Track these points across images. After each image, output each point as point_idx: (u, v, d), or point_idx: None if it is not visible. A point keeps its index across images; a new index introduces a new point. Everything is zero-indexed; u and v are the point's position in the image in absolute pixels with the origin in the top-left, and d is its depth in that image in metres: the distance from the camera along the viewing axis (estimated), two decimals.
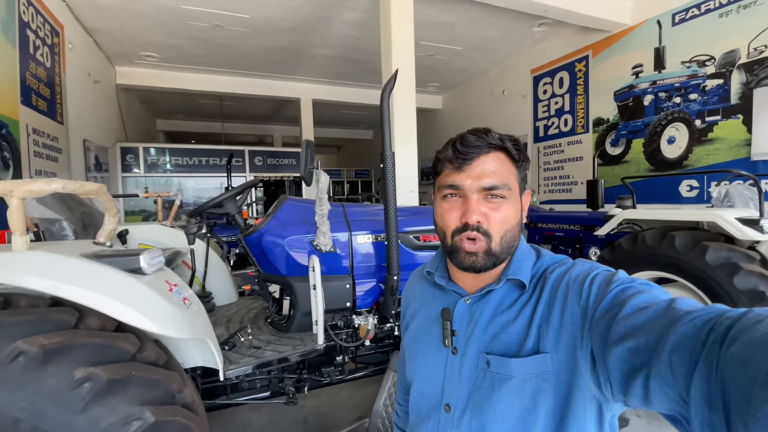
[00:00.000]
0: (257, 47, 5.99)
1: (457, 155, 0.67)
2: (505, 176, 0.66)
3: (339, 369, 1.97)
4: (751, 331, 0.37)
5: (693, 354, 0.40)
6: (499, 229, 0.66)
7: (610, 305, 0.54)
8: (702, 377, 0.39)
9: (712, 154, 4.35)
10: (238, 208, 2.04)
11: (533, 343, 0.62)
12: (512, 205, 0.67)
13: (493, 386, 0.63)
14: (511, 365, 0.61)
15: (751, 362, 0.35)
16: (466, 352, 0.68)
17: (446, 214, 0.69)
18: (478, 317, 0.69)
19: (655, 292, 0.53)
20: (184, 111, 9.84)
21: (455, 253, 0.68)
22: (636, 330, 0.48)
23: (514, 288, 0.69)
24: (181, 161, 7.59)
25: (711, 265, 2.32)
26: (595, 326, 0.54)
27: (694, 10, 4.37)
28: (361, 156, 13.75)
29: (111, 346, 1.12)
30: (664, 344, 0.44)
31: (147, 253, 1.24)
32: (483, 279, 0.71)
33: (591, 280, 0.59)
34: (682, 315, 0.45)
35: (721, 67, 4.22)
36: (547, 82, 6.35)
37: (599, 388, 0.55)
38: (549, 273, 0.66)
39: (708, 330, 0.41)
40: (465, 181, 0.66)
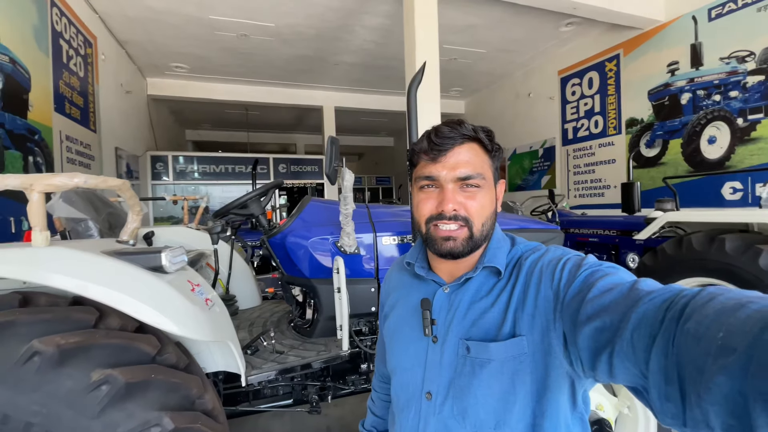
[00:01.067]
0: (281, 56, 6.09)
1: (432, 147, 0.68)
2: (479, 166, 0.68)
3: (364, 377, 1.88)
4: (704, 308, 0.39)
5: (652, 330, 0.43)
6: (479, 217, 0.68)
7: (579, 288, 0.56)
8: (660, 351, 0.41)
9: (756, 153, 4.06)
10: (262, 209, 2.01)
11: (510, 327, 0.64)
12: (487, 194, 0.69)
13: (473, 371, 0.65)
14: (490, 349, 0.63)
15: (704, 337, 0.37)
16: (446, 340, 0.69)
17: (422, 203, 0.71)
18: (457, 305, 0.70)
19: (621, 274, 0.56)
20: (211, 121, 10.12)
21: (431, 240, 0.70)
22: (602, 310, 0.51)
23: (490, 275, 0.71)
24: (208, 169, 7.78)
25: (765, 270, 2.12)
26: (566, 308, 0.57)
27: (731, 5, 4.13)
28: (381, 163, 13.76)
29: (130, 347, 1.08)
30: (627, 323, 0.46)
31: (169, 251, 1.20)
32: (460, 267, 0.73)
33: (562, 265, 0.62)
34: (643, 295, 0.47)
35: (762, 63, 3.95)
36: (575, 83, 6.14)
37: (571, 365, 0.58)
38: (524, 259, 0.69)
39: (665, 308, 0.43)
40: (440, 172, 0.68)
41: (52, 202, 1.52)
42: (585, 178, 6.11)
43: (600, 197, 5.85)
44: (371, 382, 1.89)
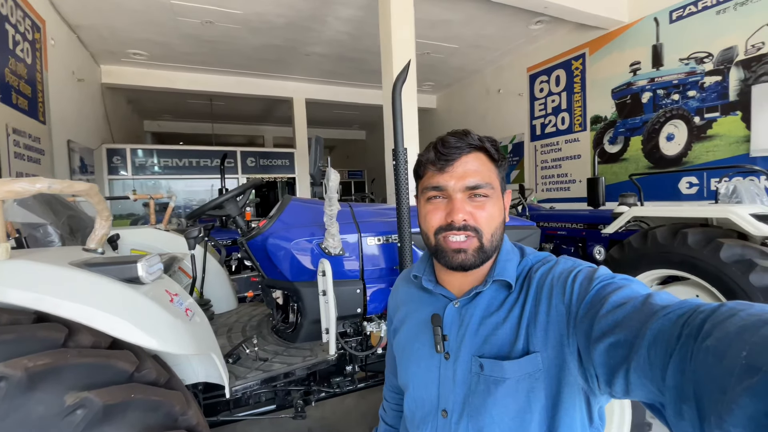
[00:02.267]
0: (249, 45, 5.84)
1: (439, 157, 0.68)
2: (487, 175, 0.68)
3: (349, 379, 1.85)
4: (725, 324, 0.38)
5: (668, 347, 0.42)
6: (488, 227, 0.67)
7: (591, 302, 0.55)
8: (676, 369, 0.40)
9: (711, 150, 4.35)
10: (240, 209, 1.92)
11: (523, 343, 0.63)
12: (495, 204, 0.69)
13: (488, 389, 0.64)
14: (504, 367, 0.62)
15: (726, 355, 0.35)
16: (458, 357, 0.68)
17: (430, 214, 0.70)
18: (468, 321, 0.69)
19: (634, 287, 0.54)
20: (172, 111, 9.61)
21: (441, 252, 0.69)
22: (616, 326, 0.50)
23: (500, 289, 0.69)
24: (171, 163, 7.39)
25: (725, 262, 2.26)
26: (579, 324, 0.56)
27: (691, 7, 4.37)
28: (353, 156, 13.64)
29: (106, 366, 1.00)
30: (642, 339, 0.45)
31: (145, 260, 1.12)
32: (469, 280, 0.72)
33: (573, 277, 0.60)
34: (658, 310, 0.46)
35: (719, 64, 4.22)
36: (543, 81, 6.32)
37: (587, 382, 0.57)
38: (534, 272, 0.67)
39: (682, 324, 0.42)
40: (449, 182, 0.67)
41: (6, 206, 1.37)
42: (552, 173, 6.33)
43: (566, 191, 6.09)
44: (357, 383, 1.88)
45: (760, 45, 3.88)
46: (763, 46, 3.86)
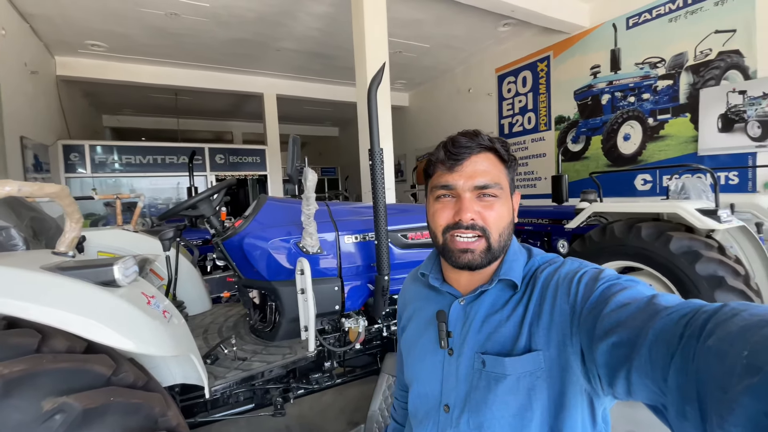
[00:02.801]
0: (217, 39, 5.68)
1: (449, 156, 0.68)
2: (496, 176, 0.68)
3: (328, 375, 1.89)
4: (727, 324, 0.38)
5: (670, 347, 0.42)
6: (496, 227, 0.68)
7: (596, 302, 0.55)
8: (678, 369, 0.40)
9: (663, 149, 4.66)
10: (214, 209, 1.90)
11: (525, 341, 0.63)
12: (504, 204, 0.69)
13: (489, 385, 0.64)
14: (505, 364, 0.63)
15: (728, 355, 0.36)
16: (462, 353, 0.69)
17: (438, 213, 0.70)
18: (472, 318, 0.70)
19: (639, 288, 0.54)
20: (133, 106, 9.17)
21: (448, 252, 0.69)
22: (618, 325, 0.50)
23: (506, 288, 0.70)
24: (134, 160, 7.07)
25: (675, 253, 2.47)
26: (583, 323, 0.56)
27: (647, 15, 4.65)
28: (326, 153, 13.54)
29: (83, 370, 0.99)
30: (644, 339, 0.45)
31: (121, 263, 1.10)
32: (476, 279, 0.72)
33: (579, 278, 0.61)
34: (661, 310, 0.46)
35: (670, 69, 4.52)
36: (511, 81, 6.53)
37: (590, 383, 0.57)
38: (540, 272, 0.68)
39: (684, 324, 0.42)
40: (458, 181, 0.68)
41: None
42: (519, 170, 6.56)
43: (532, 188, 6.34)
44: (335, 378, 1.92)
45: (708, 51, 4.20)
46: (710, 53, 4.18)
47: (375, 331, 1.98)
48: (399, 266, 1.94)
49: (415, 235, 1.98)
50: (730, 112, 4.05)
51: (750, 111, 3.91)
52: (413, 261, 1.98)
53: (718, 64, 4.12)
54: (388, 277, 1.73)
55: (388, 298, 1.82)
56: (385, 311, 1.89)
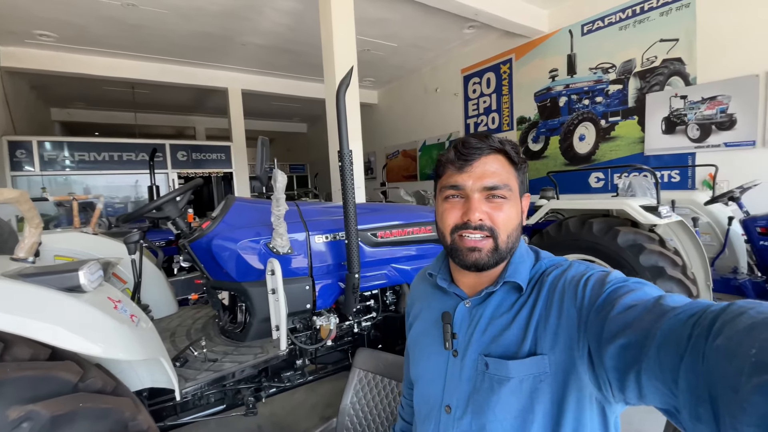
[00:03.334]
0: (178, 31, 5.47)
1: (459, 156, 0.69)
2: (505, 177, 0.68)
3: (300, 372, 1.92)
4: (734, 323, 0.38)
5: (679, 348, 0.42)
6: (505, 228, 0.68)
7: (603, 305, 0.55)
8: (688, 370, 0.40)
9: (614, 149, 4.99)
10: (180, 210, 1.88)
11: (530, 344, 0.63)
12: (513, 206, 0.69)
13: (492, 388, 0.65)
14: (509, 367, 0.63)
15: (736, 354, 0.35)
16: (466, 355, 0.70)
17: (447, 213, 0.70)
18: (477, 320, 0.70)
19: (646, 289, 0.54)
20: (86, 99, 8.63)
21: (456, 251, 0.69)
22: (626, 327, 0.49)
23: (512, 291, 0.70)
24: (87, 157, 6.65)
25: (622, 246, 2.69)
26: (590, 327, 0.55)
27: (599, 23, 4.95)
28: (294, 150, 13.33)
29: (49, 377, 0.98)
30: (652, 340, 0.45)
31: (87, 268, 1.09)
32: (483, 281, 0.73)
33: (585, 281, 0.60)
34: (668, 310, 0.46)
35: (620, 74, 4.84)
36: (476, 82, 6.73)
37: (600, 390, 0.56)
38: (546, 275, 0.68)
39: (693, 324, 0.42)
40: (467, 182, 0.68)
41: None
42: None
43: None
44: (307, 375, 1.95)
45: (653, 59, 4.53)
46: (656, 60, 4.51)
47: (346, 327, 2.03)
48: (369, 264, 2.00)
49: (384, 234, 2.05)
50: (673, 115, 4.40)
51: (690, 115, 4.26)
52: (383, 259, 2.05)
53: (663, 71, 4.46)
54: (359, 275, 1.79)
55: (359, 295, 1.87)
56: (356, 308, 1.94)
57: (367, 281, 1.98)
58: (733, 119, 3.93)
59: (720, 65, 4.00)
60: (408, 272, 2.09)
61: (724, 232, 3.27)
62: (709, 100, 4.08)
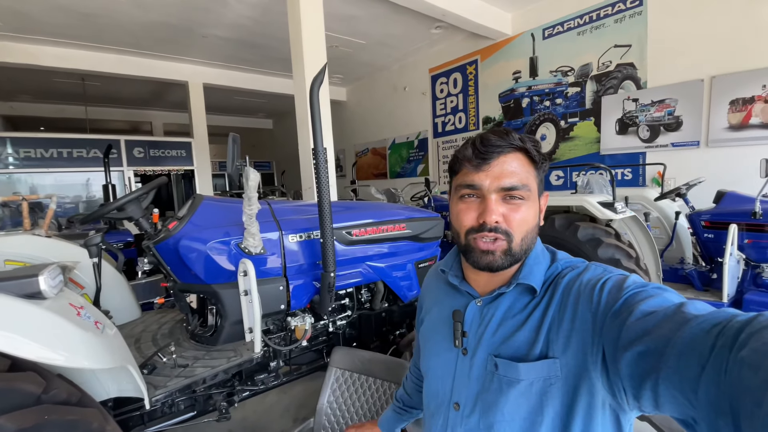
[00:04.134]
0: (135, 21, 5.18)
1: (476, 154, 0.66)
2: (524, 177, 0.66)
3: (274, 374, 1.89)
4: (761, 334, 0.37)
5: (701, 358, 0.40)
6: (520, 230, 0.66)
7: (620, 310, 0.53)
8: (710, 381, 0.38)
9: (573, 149, 5.26)
10: (143, 210, 1.79)
11: (542, 347, 0.62)
12: (531, 207, 0.67)
13: (501, 388, 0.64)
14: (519, 369, 0.62)
15: (762, 366, 0.34)
16: (475, 354, 0.69)
17: (462, 213, 0.69)
18: (488, 320, 0.69)
19: (666, 295, 0.53)
20: (31, 91, 7.99)
21: (470, 252, 0.68)
22: (645, 334, 0.48)
23: (524, 292, 0.68)
24: (33, 153, 6.18)
25: (581, 240, 2.85)
26: (606, 332, 0.54)
27: (559, 27, 5.18)
28: (259, 146, 12.98)
29: (9, 389, 0.92)
30: (673, 348, 0.43)
31: (47, 273, 1.03)
32: (495, 281, 0.71)
33: (602, 285, 0.59)
34: (690, 318, 0.45)
35: (578, 78, 5.10)
36: (443, 82, 6.85)
37: (614, 397, 0.54)
38: (561, 277, 0.66)
39: (716, 333, 0.41)
40: (484, 181, 0.65)
41: None
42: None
43: None
44: (282, 377, 1.93)
45: (608, 63, 4.80)
46: (611, 65, 4.79)
47: (321, 327, 2.02)
48: (344, 263, 2.00)
49: (359, 232, 2.05)
50: (626, 117, 4.70)
51: (641, 116, 4.57)
52: (358, 257, 2.05)
53: (617, 75, 4.74)
54: (334, 274, 1.78)
55: (334, 294, 1.87)
56: (332, 307, 1.93)
57: (342, 280, 1.98)
58: (680, 121, 4.25)
59: (668, 70, 4.31)
60: (383, 269, 2.11)
61: (671, 225, 3.53)
62: (658, 103, 4.39)
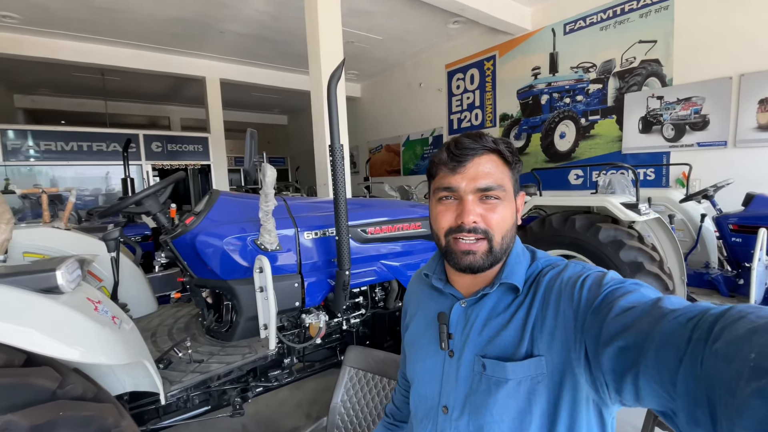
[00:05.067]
0: (153, 16, 5.22)
1: (451, 157, 0.68)
2: (499, 178, 0.68)
3: (287, 371, 1.88)
4: (734, 327, 0.38)
5: (678, 351, 0.42)
6: (499, 229, 0.67)
7: (600, 306, 0.55)
8: (687, 373, 0.40)
9: (593, 147, 5.12)
10: (161, 205, 1.79)
11: (527, 346, 0.63)
12: (507, 206, 0.69)
13: (489, 389, 0.65)
14: (506, 369, 0.63)
15: (735, 358, 0.36)
16: (462, 356, 0.69)
17: (441, 215, 0.70)
18: (473, 321, 0.70)
19: (643, 291, 0.55)
20: (52, 85, 8.16)
21: (450, 254, 0.69)
22: (624, 329, 0.49)
23: (508, 291, 0.70)
24: (54, 146, 6.33)
25: (603, 242, 2.76)
26: (588, 328, 0.55)
27: (581, 22, 5.03)
28: (275, 142, 13.04)
29: (24, 385, 0.92)
30: (651, 342, 0.45)
31: (64, 267, 1.02)
32: (479, 282, 0.72)
33: (582, 282, 0.60)
34: (667, 313, 0.46)
35: (600, 74, 4.95)
36: (459, 78, 6.75)
37: (597, 392, 0.56)
38: (543, 275, 0.68)
39: (692, 327, 0.42)
40: (460, 183, 0.67)
41: None
42: None
43: None
44: (295, 374, 1.92)
45: (632, 59, 4.65)
46: (634, 61, 4.63)
47: (335, 325, 2.00)
48: (358, 261, 1.97)
49: (374, 230, 2.02)
50: (649, 115, 4.54)
51: (666, 115, 4.41)
52: (372, 255, 2.02)
53: (641, 72, 4.59)
54: (349, 272, 1.76)
55: (349, 292, 1.84)
56: (346, 305, 1.91)
57: (356, 278, 1.95)
58: (707, 120, 4.09)
59: (695, 67, 4.14)
60: (397, 268, 2.07)
61: (696, 228, 3.41)
62: (684, 101, 4.23)
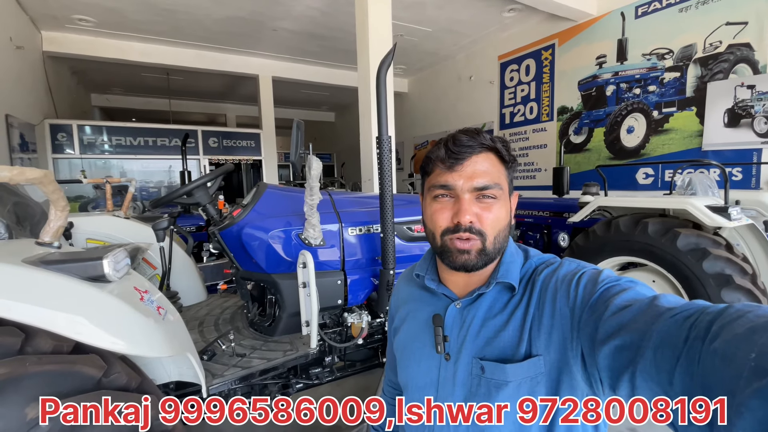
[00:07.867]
0: (211, 16, 5.46)
1: (449, 155, 0.66)
2: (496, 176, 0.67)
3: (328, 369, 1.83)
4: (732, 326, 0.37)
5: (675, 350, 0.41)
6: (493, 229, 0.66)
7: (596, 305, 0.55)
8: (684, 372, 0.39)
9: (667, 143, 4.61)
10: (210, 197, 1.80)
11: (526, 346, 0.62)
12: (503, 206, 0.68)
13: (489, 392, 0.63)
14: (506, 371, 0.62)
15: (735, 357, 0.35)
16: (459, 359, 0.68)
17: (437, 214, 0.68)
18: (469, 322, 0.69)
19: (639, 289, 0.54)
20: (123, 85, 8.87)
21: (446, 253, 0.68)
22: (621, 328, 0.49)
23: (503, 291, 0.69)
24: (124, 141, 6.86)
25: (681, 250, 2.42)
26: (584, 326, 0.55)
27: (656, 4, 4.53)
28: (321, 139, 13.32)
29: (71, 372, 0.91)
30: (648, 341, 0.45)
31: (112, 256, 1.01)
32: (473, 281, 0.71)
33: (577, 280, 0.60)
34: (664, 312, 0.46)
35: (678, 61, 4.43)
36: (513, 69, 6.39)
37: (591, 387, 0.57)
38: (537, 274, 0.67)
39: (689, 326, 0.42)
40: (457, 181, 0.66)
41: None
42: (519, 161, 6.46)
43: (532, 179, 6.28)
44: (336, 373, 1.86)
45: (718, 44, 4.11)
46: (720, 45, 4.09)
47: (377, 325, 1.92)
48: (404, 260, 1.87)
49: (421, 228, 1.91)
50: (738, 106, 3.99)
51: (758, 106, 3.85)
52: (418, 255, 1.91)
53: (728, 57, 4.04)
54: (394, 272, 1.66)
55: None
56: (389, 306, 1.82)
57: None
58: None
59: None
60: None
61: None
62: None
